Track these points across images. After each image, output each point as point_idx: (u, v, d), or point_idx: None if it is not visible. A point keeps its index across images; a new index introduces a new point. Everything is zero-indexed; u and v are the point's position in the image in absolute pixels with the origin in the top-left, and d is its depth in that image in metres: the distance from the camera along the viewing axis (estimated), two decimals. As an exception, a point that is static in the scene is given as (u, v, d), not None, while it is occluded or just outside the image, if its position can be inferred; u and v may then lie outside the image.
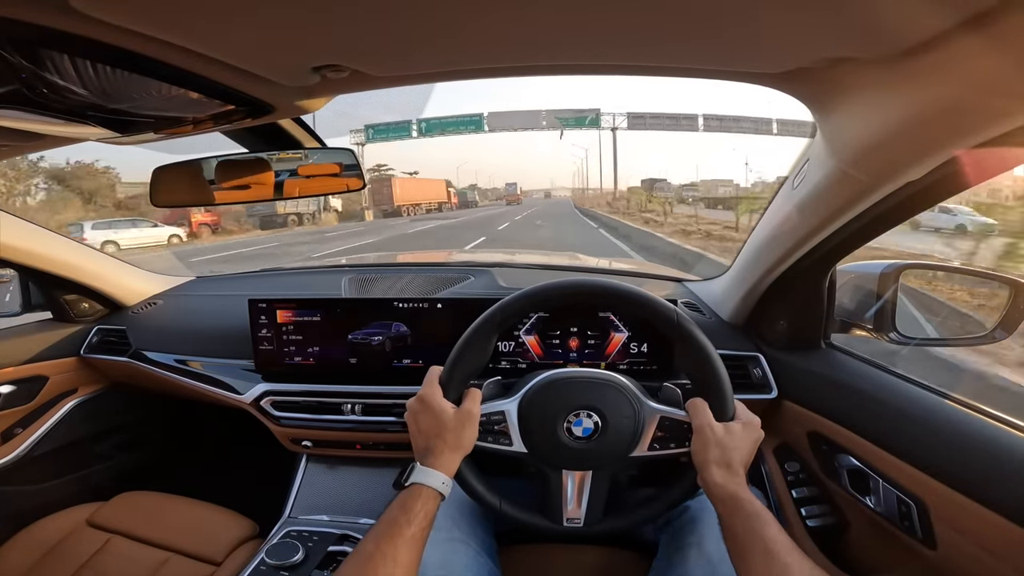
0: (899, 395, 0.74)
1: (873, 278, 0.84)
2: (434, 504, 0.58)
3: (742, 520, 0.55)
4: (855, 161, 0.57)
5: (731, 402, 0.66)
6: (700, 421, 0.63)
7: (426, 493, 0.58)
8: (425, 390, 0.66)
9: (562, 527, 0.70)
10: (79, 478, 1.32)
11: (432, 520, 0.58)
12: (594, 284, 0.71)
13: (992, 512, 0.55)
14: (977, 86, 0.40)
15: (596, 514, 0.70)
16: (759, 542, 0.52)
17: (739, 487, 0.58)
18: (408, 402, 0.67)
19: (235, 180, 0.81)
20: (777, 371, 0.95)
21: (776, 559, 0.50)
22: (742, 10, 0.39)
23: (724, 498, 0.58)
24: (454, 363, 0.67)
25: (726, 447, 0.61)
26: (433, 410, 0.64)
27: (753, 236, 0.91)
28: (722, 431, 0.62)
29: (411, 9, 0.39)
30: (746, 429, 0.64)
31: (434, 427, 0.63)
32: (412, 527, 0.54)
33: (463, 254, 1.76)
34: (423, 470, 0.60)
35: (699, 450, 0.62)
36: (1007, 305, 0.78)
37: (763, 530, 0.53)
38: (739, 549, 0.54)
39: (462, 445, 0.64)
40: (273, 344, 1.06)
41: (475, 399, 0.66)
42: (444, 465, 0.61)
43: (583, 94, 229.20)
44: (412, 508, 0.56)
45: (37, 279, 1.24)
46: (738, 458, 0.61)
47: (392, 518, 0.55)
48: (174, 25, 0.40)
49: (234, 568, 0.90)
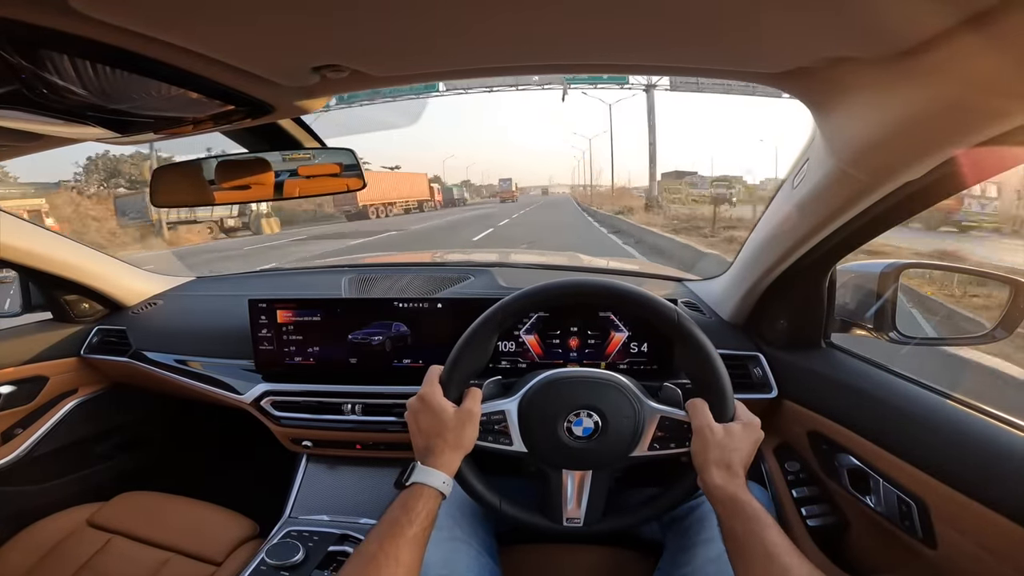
0: (899, 394, 0.74)
1: (873, 278, 0.84)
2: (435, 503, 0.58)
3: (742, 522, 0.55)
4: (855, 161, 0.57)
5: (731, 403, 0.66)
6: (700, 422, 0.63)
7: (427, 492, 0.58)
8: (425, 389, 0.66)
9: (562, 527, 0.70)
10: (79, 478, 1.32)
11: (434, 519, 0.58)
12: (595, 284, 0.71)
13: (992, 512, 0.55)
14: (977, 85, 0.40)
15: (596, 514, 0.70)
16: (759, 545, 0.52)
17: (739, 488, 0.58)
18: (408, 401, 0.67)
19: (235, 180, 0.81)
20: (777, 371, 0.95)
21: (776, 561, 0.50)
22: (742, 10, 0.39)
23: (724, 500, 0.58)
24: (454, 363, 0.67)
25: (726, 448, 0.61)
26: (433, 409, 0.64)
27: (753, 235, 0.91)
28: (722, 432, 0.62)
29: (411, 9, 0.39)
30: (746, 430, 0.64)
31: (434, 426, 0.63)
32: (414, 527, 0.54)
33: (463, 254, 1.75)
34: (424, 469, 0.60)
35: (699, 451, 0.62)
36: (1007, 305, 0.78)
37: (763, 532, 0.53)
38: (739, 551, 0.54)
39: (462, 444, 0.64)
40: (273, 344, 1.06)
41: (475, 398, 0.66)
42: (445, 464, 0.61)
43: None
44: (414, 508, 0.56)
45: (37, 279, 1.24)
46: (738, 459, 0.61)
47: (394, 518, 0.55)
48: (174, 25, 0.40)
49: (234, 568, 0.90)
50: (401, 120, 30.16)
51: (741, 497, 0.57)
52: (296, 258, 9.28)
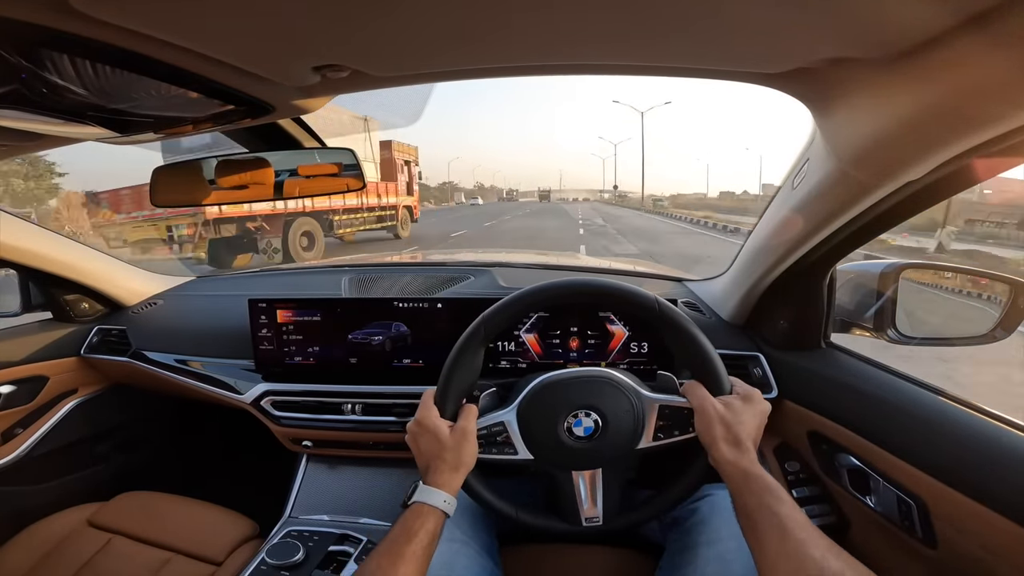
0: (899, 394, 0.74)
1: (873, 278, 0.84)
2: (435, 522, 0.59)
3: (755, 496, 0.54)
4: (855, 161, 0.57)
5: (724, 377, 0.66)
6: (699, 400, 0.63)
7: (426, 511, 0.59)
8: (421, 413, 0.67)
9: (582, 527, 0.70)
10: (79, 478, 1.32)
11: (434, 538, 0.59)
12: (571, 284, 0.71)
13: (992, 511, 0.55)
14: (977, 86, 0.40)
15: (613, 510, 0.70)
16: (773, 518, 0.51)
17: (751, 463, 0.58)
18: (407, 426, 0.68)
19: (235, 180, 0.81)
20: (777, 371, 0.95)
21: (791, 535, 0.49)
22: (742, 10, 0.39)
23: (735, 475, 0.57)
24: (446, 382, 0.68)
25: (729, 422, 0.61)
26: (430, 431, 0.65)
27: (753, 236, 0.91)
28: (722, 406, 0.62)
29: (412, 9, 0.39)
30: (747, 402, 0.63)
31: (433, 448, 0.64)
32: (412, 545, 0.55)
33: (463, 254, 1.75)
34: (425, 489, 0.61)
35: (704, 429, 0.62)
36: (1007, 305, 0.79)
37: (777, 506, 0.52)
38: (752, 526, 0.53)
39: (463, 462, 0.64)
40: (273, 344, 1.06)
41: (470, 416, 0.67)
42: (445, 484, 0.62)
43: (588, 93, 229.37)
44: (412, 527, 0.57)
45: (37, 279, 1.24)
46: (744, 432, 0.60)
47: (393, 537, 0.57)
48: (175, 25, 0.40)
49: (235, 568, 0.90)
50: (400, 121, 29.33)
51: (753, 471, 0.56)
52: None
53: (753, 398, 0.64)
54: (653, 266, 2.22)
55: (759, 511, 0.53)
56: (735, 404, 0.63)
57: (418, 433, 0.66)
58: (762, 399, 0.65)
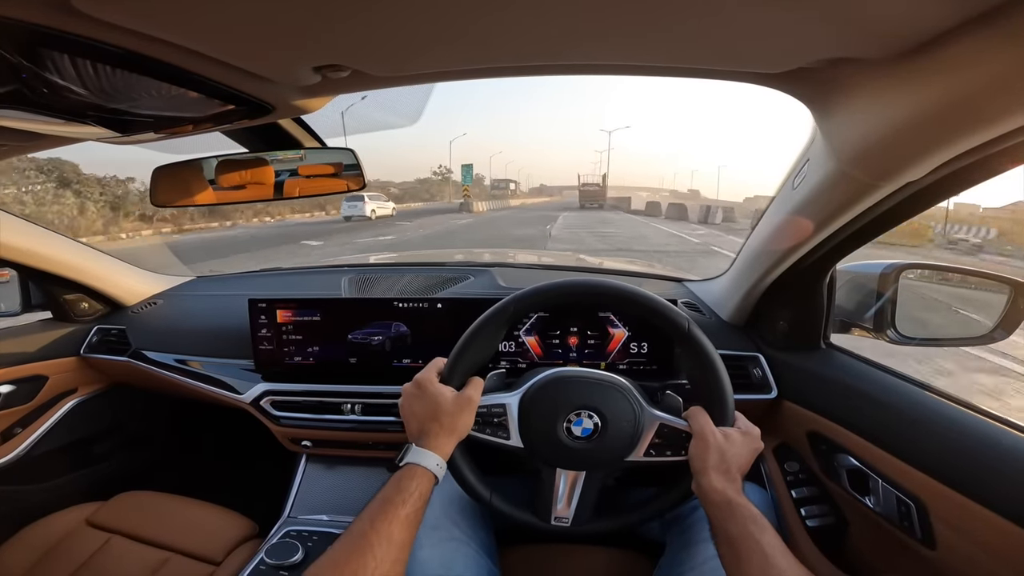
0: (899, 395, 0.74)
1: (873, 278, 0.84)
2: (428, 484, 0.58)
3: (739, 525, 0.55)
4: (855, 161, 0.57)
5: (732, 411, 0.66)
6: (699, 427, 0.64)
7: (420, 473, 0.58)
8: (423, 374, 0.66)
9: (549, 525, 0.70)
10: (79, 478, 1.32)
11: (427, 500, 0.57)
12: (610, 287, 0.71)
13: (992, 512, 0.55)
14: (977, 86, 0.40)
15: (585, 515, 0.70)
16: (756, 545, 0.53)
17: (736, 493, 0.59)
18: (404, 386, 0.67)
19: (235, 180, 0.81)
20: (777, 371, 0.95)
21: (772, 563, 0.51)
22: (742, 10, 0.39)
23: (720, 503, 0.58)
24: (460, 352, 0.68)
25: (725, 453, 0.62)
26: (430, 393, 0.64)
27: (753, 236, 0.91)
28: (722, 437, 0.63)
29: (412, 9, 0.39)
30: (746, 438, 0.65)
31: (429, 410, 0.63)
32: (407, 506, 0.54)
33: (463, 254, 1.75)
34: (418, 451, 0.60)
35: (698, 455, 0.63)
36: (1007, 305, 0.79)
37: (760, 534, 0.53)
38: (735, 554, 0.54)
39: (457, 429, 0.64)
40: (273, 344, 1.06)
41: (477, 387, 0.67)
42: (439, 447, 0.61)
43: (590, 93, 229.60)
44: (407, 488, 0.56)
45: (37, 279, 1.24)
46: (736, 465, 0.62)
47: (386, 497, 0.55)
48: (176, 25, 0.40)
49: (234, 568, 0.90)
50: (401, 120, 29.62)
51: (738, 500, 0.58)
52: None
53: (752, 434, 0.66)
54: (654, 266, 2.22)
55: (742, 539, 0.54)
56: (734, 436, 0.64)
57: (415, 395, 0.65)
58: (759, 438, 0.66)
